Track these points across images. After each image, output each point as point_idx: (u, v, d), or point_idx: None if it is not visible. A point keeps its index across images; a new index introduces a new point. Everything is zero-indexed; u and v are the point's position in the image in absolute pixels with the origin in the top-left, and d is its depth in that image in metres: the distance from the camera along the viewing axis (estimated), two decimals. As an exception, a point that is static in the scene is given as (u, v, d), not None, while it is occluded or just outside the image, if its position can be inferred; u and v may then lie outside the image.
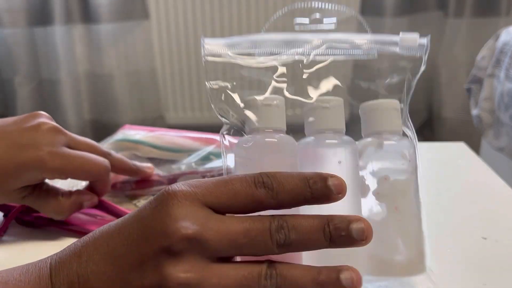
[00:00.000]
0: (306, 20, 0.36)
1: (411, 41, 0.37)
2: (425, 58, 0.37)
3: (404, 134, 0.36)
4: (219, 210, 0.27)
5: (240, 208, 0.27)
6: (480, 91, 1.25)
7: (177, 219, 0.26)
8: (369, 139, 0.36)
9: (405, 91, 0.37)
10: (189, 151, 0.57)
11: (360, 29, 0.38)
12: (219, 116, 0.34)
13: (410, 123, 0.36)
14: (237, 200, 0.27)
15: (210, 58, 0.35)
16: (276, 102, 0.33)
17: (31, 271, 0.28)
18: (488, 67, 1.21)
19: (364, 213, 0.33)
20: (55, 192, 0.44)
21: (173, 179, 0.52)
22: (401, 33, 0.37)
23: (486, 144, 1.30)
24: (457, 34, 1.70)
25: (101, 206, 0.47)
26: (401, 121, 0.36)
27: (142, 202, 0.51)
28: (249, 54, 0.36)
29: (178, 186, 0.27)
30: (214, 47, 0.37)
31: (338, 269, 0.26)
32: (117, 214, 0.47)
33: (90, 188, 0.47)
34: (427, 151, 0.67)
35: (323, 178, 0.27)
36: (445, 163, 0.62)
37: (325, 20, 0.36)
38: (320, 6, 0.37)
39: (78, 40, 1.72)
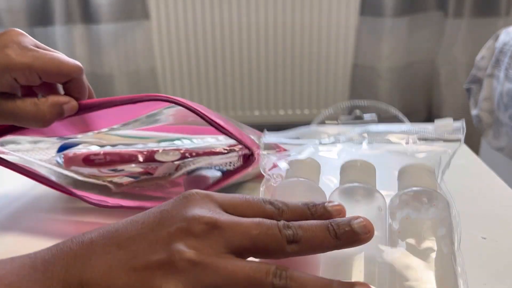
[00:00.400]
0: (348, 117, 0.45)
1: (446, 126, 0.40)
2: (462, 137, 0.39)
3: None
4: (234, 214, 0.29)
5: (252, 217, 0.29)
6: (480, 91, 1.25)
7: (196, 208, 0.27)
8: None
9: (441, 167, 0.40)
10: (158, 138, 0.55)
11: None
12: (264, 171, 0.42)
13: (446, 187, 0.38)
14: (250, 210, 0.29)
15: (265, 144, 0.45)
16: (306, 160, 0.40)
17: (16, 260, 0.28)
18: (488, 67, 1.22)
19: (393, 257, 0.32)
20: (31, 98, 0.41)
21: (149, 155, 0.51)
22: (436, 120, 0.40)
23: (485, 144, 1.30)
24: (457, 34, 1.71)
25: (83, 109, 0.43)
26: (435, 182, 0.37)
27: (116, 180, 0.49)
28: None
29: (198, 190, 0.29)
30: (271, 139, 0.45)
31: (352, 284, 0.27)
32: (100, 104, 0.43)
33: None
34: (427, 151, 0.67)
35: (322, 203, 0.30)
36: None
37: (365, 116, 0.44)
38: (360, 104, 0.44)
39: (78, 40, 1.73)
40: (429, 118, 1.89)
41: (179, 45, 1.79)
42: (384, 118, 0.44)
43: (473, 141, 1.38)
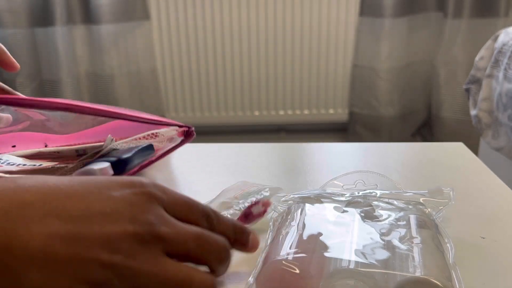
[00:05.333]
0: (352, 184, 0.48)
1: (437, 192, 0.44)
2: (453, 194, 0.44)
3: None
4: (176, 216, 0.30)
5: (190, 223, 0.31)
6: (479, 91, 1.26)
7: (144, 211, 0.28)
8: None
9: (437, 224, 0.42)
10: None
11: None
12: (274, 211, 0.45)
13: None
14: (190, 215, 0.31)
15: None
16: None
17: None
18: (487, 68, 1.22)
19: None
20: None
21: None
22: (427, 189, 0.45)
23: (484, 144, 1.31)
24: (456, 34, 1.71)
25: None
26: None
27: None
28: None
29: (150, 183, 0.30)
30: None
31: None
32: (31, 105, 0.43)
33: None
34: (426, 151, 0.67)
35: (248, 232, 0.34)
36: (443, 163, 0.63)
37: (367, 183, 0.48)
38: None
39: (79, 41, 1.73)
40: (428, 118, 1.89)
41: (180, 45, 1.79)
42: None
43: (472, 141, 1.39)
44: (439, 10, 1.74)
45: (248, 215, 0.45)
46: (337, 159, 0.64)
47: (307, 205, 0.42)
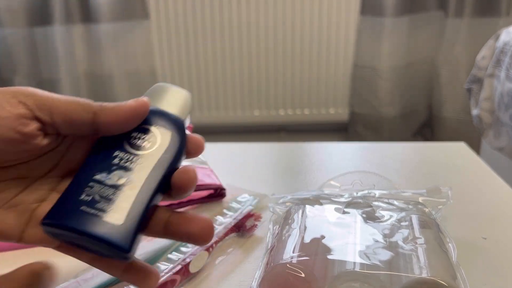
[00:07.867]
0: (350, 185, 0.48)
1: (435, 191, 0.45)
2: (451, 193, 0.45)
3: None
4: None
5: None
6: (480, 91, 1.25)
7: None
8: None
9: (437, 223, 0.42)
10: None
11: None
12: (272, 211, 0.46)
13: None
14: None
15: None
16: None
17: None
18: (488, 67, 1.21)
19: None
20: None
21: None
22: (425, 188, 0.46)
23: (486, 144, 1.30)
24: (458, 34, 1.71)
25: None
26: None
27: None
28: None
29: None
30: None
31: None
32: None
33: None
34: (427, 151, 0.67)
35: None
36: (445, 163, 0.62)
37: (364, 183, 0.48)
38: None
39: (78, 40, 1.72)
40: (430, 118, 1.89)
41: (179, 45, 1.79)
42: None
43: (473, 141, 1.38)
44: (440, 9, 1.74)
45: (240, 226, 0.45)
46: (337, 159, 0.64)
47: (308, 206, 0.42)
